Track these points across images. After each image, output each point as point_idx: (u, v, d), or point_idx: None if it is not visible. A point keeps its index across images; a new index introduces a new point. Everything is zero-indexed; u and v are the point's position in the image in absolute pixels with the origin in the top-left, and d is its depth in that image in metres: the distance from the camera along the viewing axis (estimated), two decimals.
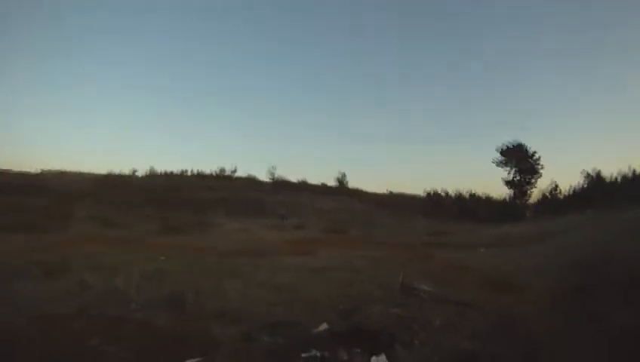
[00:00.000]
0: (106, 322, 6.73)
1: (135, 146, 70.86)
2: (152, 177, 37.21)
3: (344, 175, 44.09)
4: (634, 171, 34.56)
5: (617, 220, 18.29)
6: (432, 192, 42.77)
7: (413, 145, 79.73)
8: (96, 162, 78.46)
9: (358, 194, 42.40)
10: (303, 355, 5.90)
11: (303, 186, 41.38)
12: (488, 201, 40.79)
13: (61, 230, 17.67)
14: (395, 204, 39.17)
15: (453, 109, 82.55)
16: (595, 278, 10.00)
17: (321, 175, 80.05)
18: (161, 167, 40.67)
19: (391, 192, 45.31)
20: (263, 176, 41.67)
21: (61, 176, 32.85)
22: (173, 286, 8.71)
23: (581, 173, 36.64)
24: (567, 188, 38.01)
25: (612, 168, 62.45)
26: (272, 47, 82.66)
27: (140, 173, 38.82)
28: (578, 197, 34.76)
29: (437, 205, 38.50)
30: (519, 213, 36.80)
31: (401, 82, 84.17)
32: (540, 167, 41.54)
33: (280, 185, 39.37)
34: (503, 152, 42.34)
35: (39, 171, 35.00)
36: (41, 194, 23.47)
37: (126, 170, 38.34)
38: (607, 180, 35.15)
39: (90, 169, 38.69)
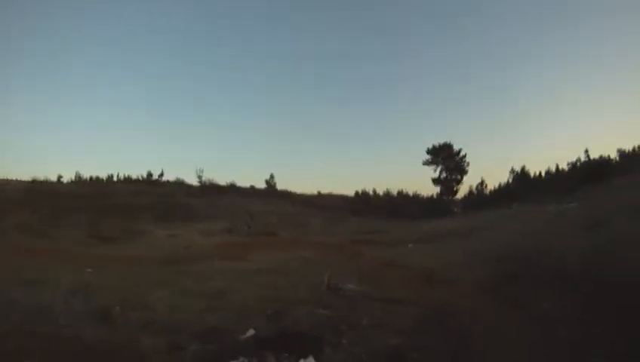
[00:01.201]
0: (36, 341, 6.39)
1: (60, 151, 68.49)
2: (79, 183, 36.05)
3: (273, 176, 44.03)
4: (557, 167, 36.10)
5: (542, 213, 19.02)
6: (360, 192, 43.34)
7: (342, 146, 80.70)
8: (20, 169, 74.89)
9: (287, 195, 42.55)
10: None
11: (232, 189, 41.15)
12: (417, 199, 41.73)
13: None
14: (324, 204, 39.51)
15: (381, 110, 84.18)
16: (522, 270, 10.36)
17: (250, 177, 79.84)
18: (87, 172, 39.54)
19: (320, 193, 45.68)
20: (192, 180, 41.17)
21: None
22: (101, 299, 8.45)
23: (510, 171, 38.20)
24: (494, 185, 39.44)
25: (538, 165, 65.51)
26: (196, 48, 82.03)
27: (65, 179, 37.70)
28: (504, 192, 36.02)
29: (366, 204, 39.04)
30: (447, 210, 37.81)
31: (327, 83, 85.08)
32: (466, 164, 42.88)
33: (208, 189, 39.04)
34: (430, 151, 43.41)
35: None
36: None
37: (52, 177, 36.90)
38: (532, 176, 36.56)
39: (14, 176, 37.06)
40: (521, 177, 36.73)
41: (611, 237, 9.46)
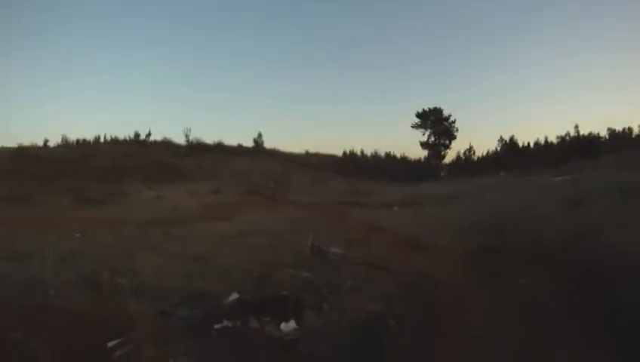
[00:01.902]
0: (27, 313, 6.48)
1: (46, 115, 67.36)
2: (65, 147, 35.35)
3: (261, 135, 43.68)
4: (546, 139, 36.21)
5: (528, 185, 19.12)
6: (348, 152, 43.34)
7: (332, 106, 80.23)
8: (6, 135, 73.30)
9: (275, 154, 42.26)
10: (216, 327, 6.00)
11: (219, 148, 40.68)
12: (404, 161, 41.74)
13: None
14: (312, 163, 39.34)
15: (372, 72, 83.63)
16: (504, 243, 10.49)
17: (239, 136, 79.38)
18: (74, 135, 38.68)
19: (308, 152, 45.28)
20: (179, 139, 40.55)
21: None
22: (89, 266, 8.47)
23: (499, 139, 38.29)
24: (482, 152, 39.57)
25: (528, 136, 65.60)
26: (183, 8, 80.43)
27: (52, 143, 36.71)
28: (492, 160, 36.15)
29: (354, 164, 38.94)
30: (434, 173, 37.93)
31: (318, 43, 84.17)
32: (455, 130, 42.95)
33: (196, 148, 38.57)
34: (420, 115, 43.37)
35: None
36: None
37: (38, 141, 35.97)
38: (521, 146, 36.67)
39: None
40: (509, 146, 36.88)
41: (595, 217, 9.54)
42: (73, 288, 7.39)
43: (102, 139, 39.09)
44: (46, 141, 36.19)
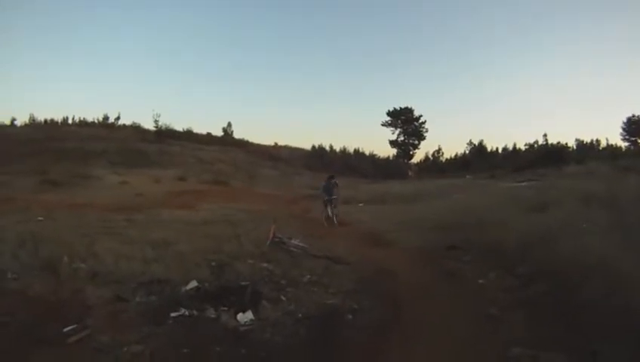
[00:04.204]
0: None
1: (13, 92, 65.88)
2: (33, 127, 34.60)
3: (230, 125, 43.51)
4: (514, 146, 36.83)
5: (493, 188, 19.42)
6: (317, 146, 43.41)
7: (303, 100, 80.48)
8: None
9: (243, 144, 42.34)
10: (172, 315, 5.99)
11: (188, 135, 40.49)
12: (372, 159, 41.98)
13: None
14: (280, 156, 39.32)
15: (347, 69, 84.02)
16: (465, 243, 10.59)
17: (208, 124, 79.02)
18: (43, 114, 37.88)
19: (277, 144, 45.54)
20: (148, 125, 40.05)
21: None
22: (49, 250, 8.32)
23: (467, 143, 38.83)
24: (451, 155, 40.08)
25: (497, 142, 66.70)
26: None
27: (19, 122, 36.24)
28: (459, 163, 36.73)
29: (321, 159, 38.98)
30: (402, 172, 38.26)
31: (294, 36, 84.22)
32: (425, 130, 43.51)
33: (164, 134, 38.11)
34: (391, 114, 43.74)
35: None
36: None
37: (5, 120, 35.55)
38: (489, 150, 37.22)
39: None
40: (477, 150, 37.52)
41: (555, 222, 9.67)
42: (32, 272, 7.28)
43: (70, 120, 38.45)
44: (13, 119, 35.40)
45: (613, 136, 54.88)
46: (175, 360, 5.00)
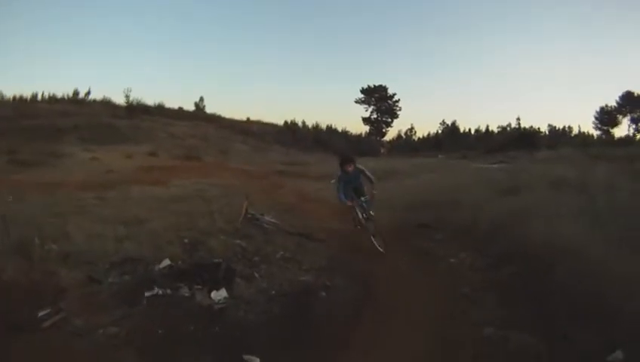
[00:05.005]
0: None
1: None
2: (1, 103, 33.51)
3: (202, 99, 43.21)
4: (487, 128, 37.14)
5: (464, 169, 19.57)
6: (289, 122, 43.20)
7: (276, 75, 79.97)
8: None
9: (215, 119, 41.98)
10: (146, 294, 5.99)
11: (159, 110, 40.01)
12: (345, 135, 41.96)
13: None
14: (252, 131, 39.09)
15: (320, 44, 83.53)
16: (435, 222, 10.69)
17: (180, 99, 78.11)
18: (9, 91, 36.68)
19: (249, 119, 45.29)
20: (119, 99, 39.23)
21: None
22: (20, 232, 8.03)
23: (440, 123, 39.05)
24: (424, 134, 40.26)
25: (470, 123, 67.28)
26: None
27: None
28: (432, 142, 36.93)
29: (293, 135, 38.87)
30: (374, 150, 38.32)
31: (267, 10, 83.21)
32: (398, 109, 43.60)
33: (136, 109, 37.47)
34: (364, 91, 43.75)
35: None
36: None
37: None
38: (462, 131, 37.46)
39: None
40: (450, 131, 37.68)
41: (526, 205, 9.76)
42: (3, 255, 7.06)
43: (39, 97, 37.43)
44: None
45: (585, 124, 55.82)
46: (150, 340, 5.05)
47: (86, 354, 4.82)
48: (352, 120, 69.19)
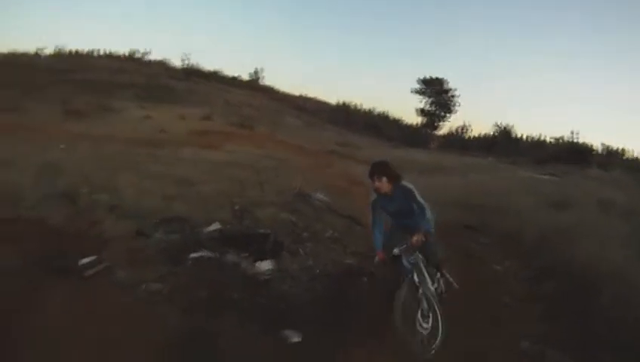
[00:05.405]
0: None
1: (40, 23, 65.11)
2: (58, 57, 34.15)
3: (260, 70, 43.23)
4: (540, 136, 36.25)
5: (514, 175, 19.17)
6: (342, 103, 42.67)
7: (334, 54, 79.55)
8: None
9: (270, 91, 42.00)
10: (192, 255, 5.97)
11: (215, 76, 40.24)
12: (397, 123, 41.42)
13: None
14: (306, 107, 38.98)
15: (384, 28, 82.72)
16: (482, 226, 10.53)
17: (235, 68, 78.45)
18: (69, 45, 37.16)
19: (302, 95, 45.17)
20: (175, 62, 39.72)
21: None
22: (68, 180, 8.25)
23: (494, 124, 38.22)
24: (477, 133, 39.48)
25: (524, 129, 65.92)
26: None
27: (46, 52, 35.07)
28: (483, 143, 36.10)
29: (346, 116, 38.55)
30: (424, 143, 37.80)
31: None
32: (454, 104, 42.85)
33: (192, 73, 37.89)
34: (423, 82, 43.19)
35: None
36: None
37: (32, 49, 34.32)
38: (515, 136, 36.61)
39: None
40: (503, 134, 36.81)
41: (573, 221, 9.54)
42: (50, 201, 7.23)
43: (96, 53, 37.95)
44: (39, 49, 34.75)
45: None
46: (193, 301, 5.02)
47: (127, 306, 4.83)
48: (405, 109, 68.32)
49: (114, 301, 4.90)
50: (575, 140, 32.95)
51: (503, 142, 34.81)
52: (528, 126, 73.40)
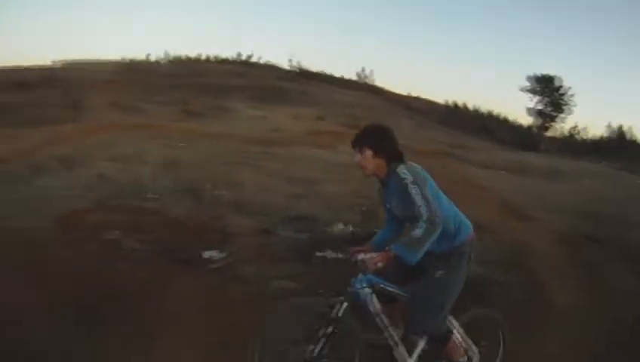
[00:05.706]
0: (124, 214, 6.68)
1: (148, 29, 68.27)
2: (172, 62, 36.17)
3: (364, 70, 42.84)
4: None
5: (631, 182, 18.23)
6: (451, 103, 41.36)
7: (439, 51, 78.10)
8: (109, 49, 74.33)
9: (379, 91, 41.09)
10: (318, 254, 5.96)
11: (322, 77, 40.06)
12: (506, 124, 40.22)
13: (80, 120, 16.16)
14: (415, 107, 38.49)
15: (491, 26, 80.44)
16: (603, 236, 10.09)
17: (342, 67, 78.65)
18: (174, 51, 38.85)
19: (410, 94, 43.74)
20: (283, 64, 40.09)
21: (76, 65, 30.53)
22: (190, 175, 8.63)
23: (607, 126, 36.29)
24: (589, 135, 37.62)
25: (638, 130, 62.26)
26: None
27: (154, 58, 36.99)
28: (597, 146, 34.20)
29: (455, 117, 37.79)
30: (534, 144, 36.53)
31: None
32: (566, 105, 40.91)
33: (300, 74, 38.22)
34: (533, 79, 41.58)
35: (52, 63, 31.33)
36: (57, 86, 21.45)
37: (141, 56, 36.01)
38: (629, 139, 34.45)
39: (104, 56, 37.75)
40: (619, 136, 34.77)
41: None
42: (172, 194, 7.55)
43: (204, 57, 39.36)
44: (148, 55, 36.66)
45: None
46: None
47: (259, 303, 4.67)
48: (513, 108, 66.08)
49: (242, 294, 4.95)
50: None
51: (616, 146, 32.97)
52: None
